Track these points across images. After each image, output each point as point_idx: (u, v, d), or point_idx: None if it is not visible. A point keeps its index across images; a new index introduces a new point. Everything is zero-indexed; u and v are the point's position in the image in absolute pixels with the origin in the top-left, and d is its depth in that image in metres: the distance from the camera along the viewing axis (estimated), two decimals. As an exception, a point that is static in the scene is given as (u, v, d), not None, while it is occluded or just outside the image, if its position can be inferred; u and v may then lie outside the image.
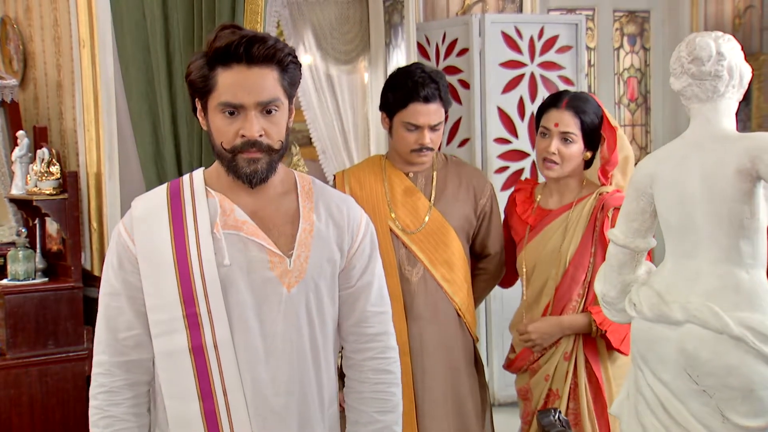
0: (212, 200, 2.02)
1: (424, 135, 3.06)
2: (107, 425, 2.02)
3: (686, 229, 2.43)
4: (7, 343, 3.90)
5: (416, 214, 3.15)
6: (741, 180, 2.32)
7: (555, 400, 3.10)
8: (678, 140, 2.53)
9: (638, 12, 6.52)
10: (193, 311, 1.96)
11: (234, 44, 1.91)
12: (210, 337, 1.96)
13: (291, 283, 2.01)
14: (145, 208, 2.05)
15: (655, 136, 6.51)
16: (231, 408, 1.97)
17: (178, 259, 1.97)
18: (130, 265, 2.01)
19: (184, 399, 1.98)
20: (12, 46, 4.82)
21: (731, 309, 2.32)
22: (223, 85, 1.94)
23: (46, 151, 4.07)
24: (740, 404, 2.32)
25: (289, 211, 2.07)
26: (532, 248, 3.17)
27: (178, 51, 3.48)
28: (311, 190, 2.12)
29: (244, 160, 1.96)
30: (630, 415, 2.57)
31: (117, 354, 2.03)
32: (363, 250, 2.13)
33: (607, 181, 3.12)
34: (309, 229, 2.05)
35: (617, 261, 2.62)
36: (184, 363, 1.97)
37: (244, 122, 1.94)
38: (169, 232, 1.99)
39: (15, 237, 4.25)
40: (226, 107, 1.94)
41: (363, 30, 5.30)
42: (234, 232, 2.00)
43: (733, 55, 2.43)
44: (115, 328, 2.02)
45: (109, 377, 2.03)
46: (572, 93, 3.22)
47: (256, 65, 1.93)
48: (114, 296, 2.02)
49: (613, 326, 2.97)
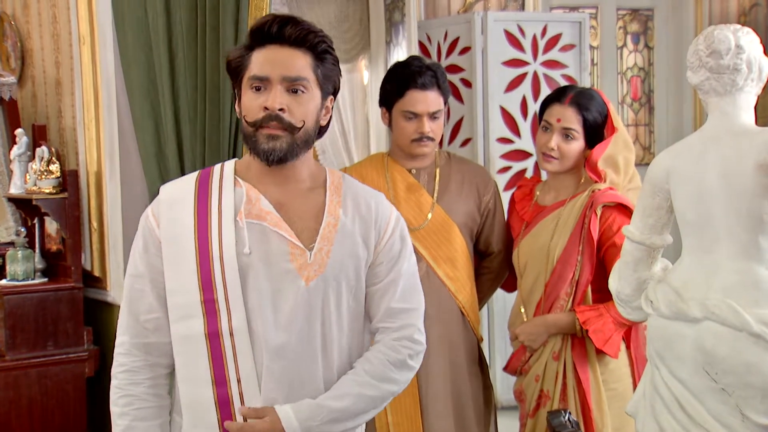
0: (239, 189, 2.05)
1: (424, 123, 3.07)
2: (127, 404, 2.04)
3: (704, 225, 2.41)
4: (6, 344, 3.86)
5: (419, 210, 3.15)
6: (760, 174, 2.31)
7: (546, 402, 3.09)
8: (695, 134, 2.51)
9: (642, 10, 6.51)
10: (211, 297, 1.97)
11: (268, 24, 1.98)
12: (226, 324, 1.97)
13: (310, 277, 2.01)
14: (172, 194, 2.08)
15: (659, 136, 6.50)
16: (244, 396, 1.98)
17: (200, 245, 1.99)
18: (154, 249, 2.04)
19: (199, 384, 1.99)
20: (9, 43, 4.78)
21: (751, 306, 2.30)
22: (254, 62, 2.00)
23: (45, 149, 4.03)
24: (760, 402, 2.30)
25: (315, 205, 2.07)
26: (526, 244, 3.16)
27: (181, 48, 3.44)
28: (341, 184, 2.13)
29: (264, 136, 1.98)
30: (646, 414, 2.55)
31: (137, 335, 2.06)
32: (391, 246, 2.13)
33: (600, 179, 3.08)
34: (333, 223, 2.06)
35: (633, 258, 2.60)
36: (200, 348, 1.98)
37: (268, 96, 1.97)
38: (193, 217, 2.02)
39: (14, 237, 4.22)
40: (254, 81, 1.99)
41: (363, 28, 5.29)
42: (257, 221, 2.01)
43: (752, 48, 2.42)
44: (136, 310, 2.06)
45: (129, 357, 2.06)
46: (578, 89, 3.22)
47: (289, 45, 1.99)
48: (138, 278, 2.06)
49: (597, 326, 2.97)
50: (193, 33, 3.41)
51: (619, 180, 3.13)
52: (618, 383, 3.07)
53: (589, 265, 3.02)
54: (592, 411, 3.01)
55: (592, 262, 3.02)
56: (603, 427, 3.01)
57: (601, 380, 3.05)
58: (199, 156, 3.46)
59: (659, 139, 6.47)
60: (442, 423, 3.12)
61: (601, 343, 2.98)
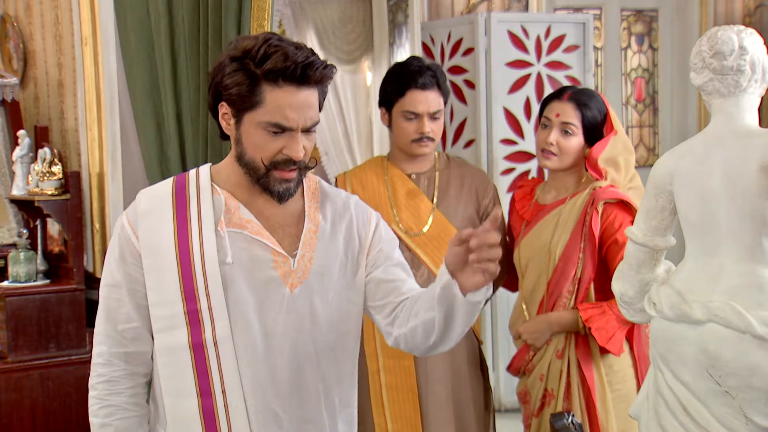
0: (218, 197, 2.02)
1: (424, 123, 3.07)
2: (108, 414, 2.02)
3: (708, 227, 2.40)
4: (8, 346, 3.85)
5: (419, 216, 3.15)
6: (764, 176, 2.29)
7: (551, 401, 3.08)
8: (699, 136, 2.50)
9: (646, 11, 6.48)
10: (194, 308, 1.95)
11: (291, 68, 1.89)
12: (210, 334, 1.95)
13: (294, 284, 2.00)
14: (149, 203, 2.04)
15: (663, 137, 6.48)
16: (230, 407, 1.96)
17: (181, 256, 1.96)
18: (132, 258, 2.00)
19: (183, 396, 1.97)
20: (12, 45, 4.78)
21: (755, 308, 2.29)
22: (272, 104, 1.91)
23: (47, 150, 4.03)
24: (764, 405, 2.29)
25: (294, 212, 2.06)
26: (527, 243, 3.16)
27: (183, 48, 3.44)
28: (317, 190, 2.12)
29: (277, 179, 1.96)
30: (649, 417, 2.54)
31: (116, 345, 2.02)
32: (381, 234, 2.13)
33: (601, 176, 3.07)
34: (314, 229, 2.05)
35: (636, 260, 2.59)
36: (183, 360, 1.96)
37: (289, 142, 1.93)
38: (173, 228, 1.99)
39: (16, 238, 4.21)
40: (273, 127, 1.92)
41: (366, 29, 5.27)
42: (238, 230, 1.99)
43: (756, 49, 2.40)
44: (114, 320, 2.02)
45: (109, 367, 2.02)
46: (577, 88, 3.24)
47: (306, 87, 1.92)
48: (114, 288, 2.02)
49: (599, 324, 2.96)
50: (196, 33, 3.41)
51: (620, 178, 3.12)
52: (622, 384, 3.07)
53: (591, 262, 3.01)
54: (597, 410, 3.00)
55: (593, 259, 3.02)
56: (608, 426, 3.00)
57: (606, 381, 3.04)
58: (201, 156, 3.46)
59: (663, 141, 6.45)
60: (442, 429, 3.11)
61: (604, 341, 2.97)
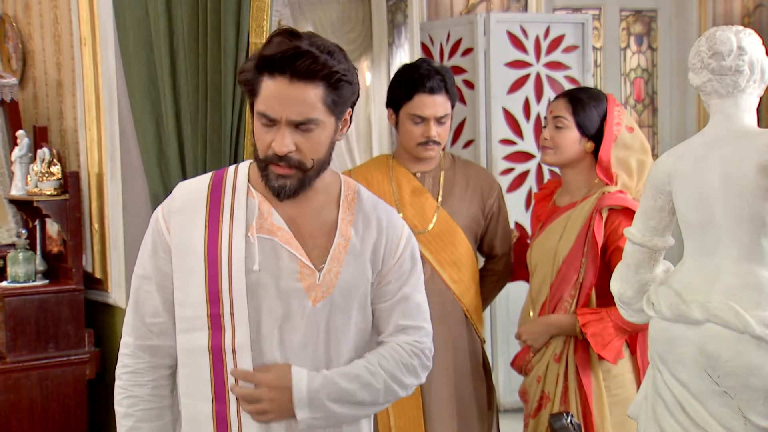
0: (252, 201, 2.01)
1: (431, 127, 3.07)
2: (131, 405, 2.05)
3: (706, 227, 2.40)
4: (7, 346, 3.85)
5: (424, 214, 3.15)
6: (762, 176, 2.29)
7: (547, 403, 3.08)
8: (697, 136, 2.50)
9: (645, 11, 6.47)
10: (218, 312, 1.95)
11: (278, 56, 1.87)
12: (230, 340, 1.95)
13: (317, 298, 1.98)
14: (184, 201, 2.04)
15: (662, 138, 6.47)
16: (242, 414, 1.96)
17: (209, 258, 1.97)
18: (163, 253, 2.03)
19: (199, 399, 1.98)
20: (11, 45, 4.77)
21: (753, 308, 2.28)
22: (263, 94, 1.91)
23: (46, 151, 4.03)
24: (762, 405, 2.28)
25: (327, 223, 2.04)
26: (538, 244, 3.18)
27: (182, 48, 3.43)
28: (354, 200, 2.09)
29: (273, 174, 1.95)
30: (648, 417, 2.54)
31: (142, 337, 2.05)
32: (401, 265, 2.10)
33: (611, 181, 3.07)
34: (344, 244, 2.02)
35: (634, 260, 2.58)
36: (202, 363, 1.97)
37: (276, 135, 1.91)
38: (204, 228, 1.99)
39: (15, 238, 4.22)
40: (263, 118, 1.92)
41: (365, 29, 5.27)
42: (268, 237, 1.98)
43: (755, 49, 2.40)
44: (142, 312, 2.06)
45: (134, 359, 2.06)
46: (581, 87, 3.22)
47: (299, 80, 1.88)
48: (145, 279, 2.05)
49: (595, 330, 2.95)
50: (195, 33, 3.39)
51: (632, 183, 3.11)
52: (621, 389, 3.06)
53: (593, 267, 3.01)
54: (593, 415, 2.99)
55: (596, 265, 3.01)
56: (604, 431, 3.00)
57: (604, 386, 3.03)
58: (201, 157, 3.45)
59: (662, 141, 6.44)
60: (445, 427, 3.12)
61: (599, 347, 2.96)
